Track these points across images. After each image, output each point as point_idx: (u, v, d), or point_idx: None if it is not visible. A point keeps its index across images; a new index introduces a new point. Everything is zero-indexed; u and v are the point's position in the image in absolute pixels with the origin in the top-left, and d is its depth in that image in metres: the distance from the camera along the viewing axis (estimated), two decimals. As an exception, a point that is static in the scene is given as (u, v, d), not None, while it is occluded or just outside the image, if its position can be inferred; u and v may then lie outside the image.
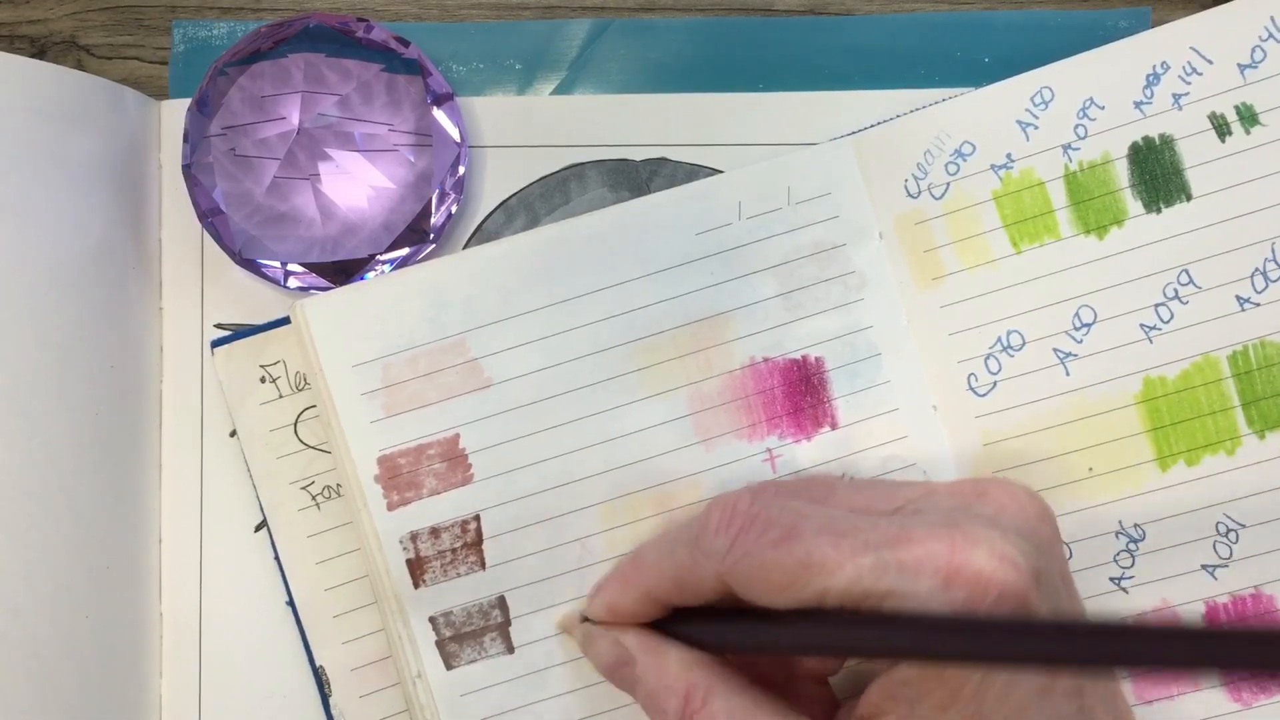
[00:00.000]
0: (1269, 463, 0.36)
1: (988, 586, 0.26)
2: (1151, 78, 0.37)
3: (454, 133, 0.38)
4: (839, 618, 0.27)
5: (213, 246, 0.39)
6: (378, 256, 0.38)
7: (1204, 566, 0.36)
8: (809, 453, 0.37)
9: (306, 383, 0.38)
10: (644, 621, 0.32)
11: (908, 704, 0.27)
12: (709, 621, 0.31)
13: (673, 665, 0.30)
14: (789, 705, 0.29)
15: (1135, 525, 0.36)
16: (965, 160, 0.37)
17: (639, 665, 0.31)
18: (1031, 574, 0.26)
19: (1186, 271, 0.36)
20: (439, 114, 0.38)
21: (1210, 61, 0.36)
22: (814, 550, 0.27)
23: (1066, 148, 0.37)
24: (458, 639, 0.36)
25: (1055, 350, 0.37)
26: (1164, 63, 0.37)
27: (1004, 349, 0.37)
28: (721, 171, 0.38)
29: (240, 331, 0.38)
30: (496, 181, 0.39)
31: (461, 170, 0.38)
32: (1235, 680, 0.36)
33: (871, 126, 0.38)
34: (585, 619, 0.34)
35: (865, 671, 0.31)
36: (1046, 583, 0.27)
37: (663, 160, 0.39)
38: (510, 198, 0.39)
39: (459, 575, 0.36)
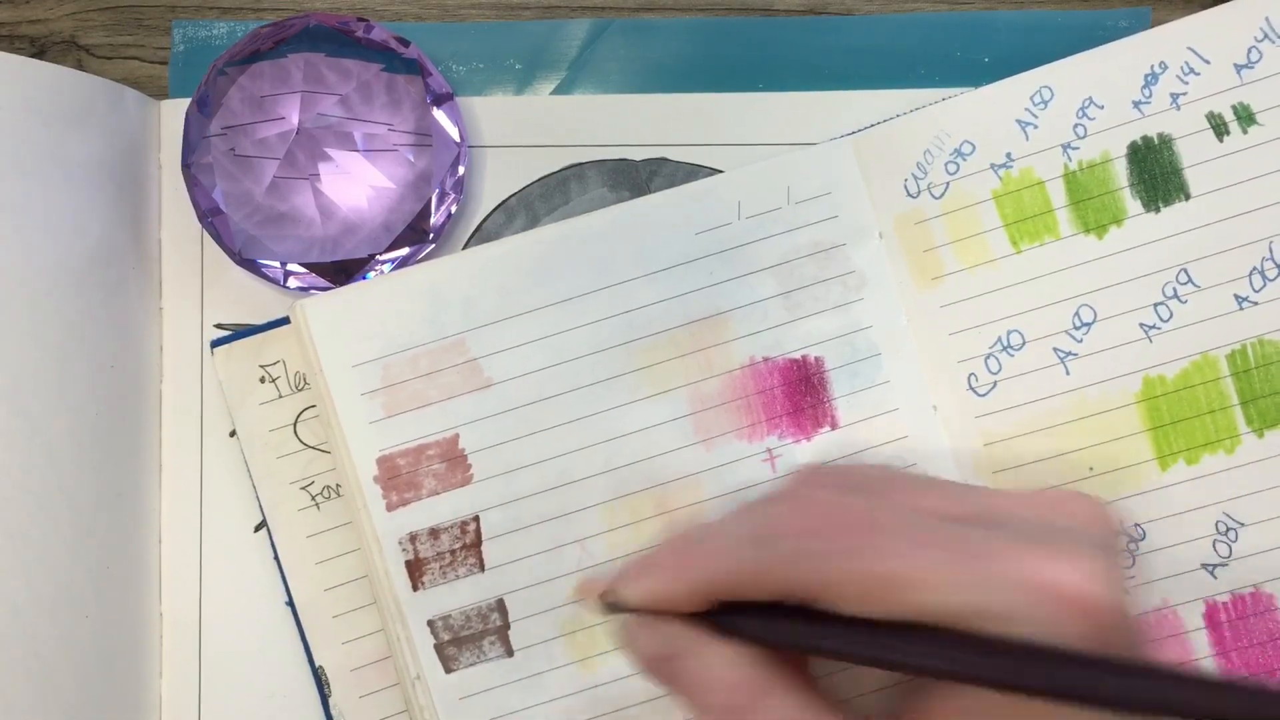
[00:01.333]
0: (1268, 461, 0.36)
1: (1081, 604, 0.25)
2: (1150, 77, 0.37)
3: (454, 133, 0.38)
4: (921, 634, 0.25)
5: (213, 246, 0.39)
6: (378, 256, 0.38)
7: (1204, 565, 0.36)
8: (809, 453, 0.37)
9: (306, 383, 0.38)
10: (689, 611, 0.29)
11: (977, 705, 0.26)
12: (763, 617, 0.28)
13: (722, 660, 0.28)
14: (846, 708, 0.27)
15: (1135, 524, 0.36)
16: (965, 160, 0.37)
17: (685, 659, 0.28)
18: (1120, 589, 0.25)
19: (1185, 270, 0.36)
20: (439, 114, 0.38)
21: (1207, 62, 0.37)
22: (899, 565, 0.25)
23: (1066, 147, 0.37)
24: (456, 642, 0.36)
25: (1055, 350, 0.37)
26: (1162, 62, 0.37)
27: (1004, 349, 0.37)
28: (721, 171, 0.38)
29: (240, 331, 0.38)
30: (496, 181, 0.39)
31: (461, 170, 0.38)
32: None
33: (871, 126, 0.38)
34: (609, 601, 0.30)
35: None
36: (1128, 597, 0.26)
37: (663, 160, 0.39)
38: (510, 198, 0.39)
39: (458, 577, 0.36)
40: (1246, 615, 0.36)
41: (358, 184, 0.38)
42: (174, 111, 0.39)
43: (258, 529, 0.38)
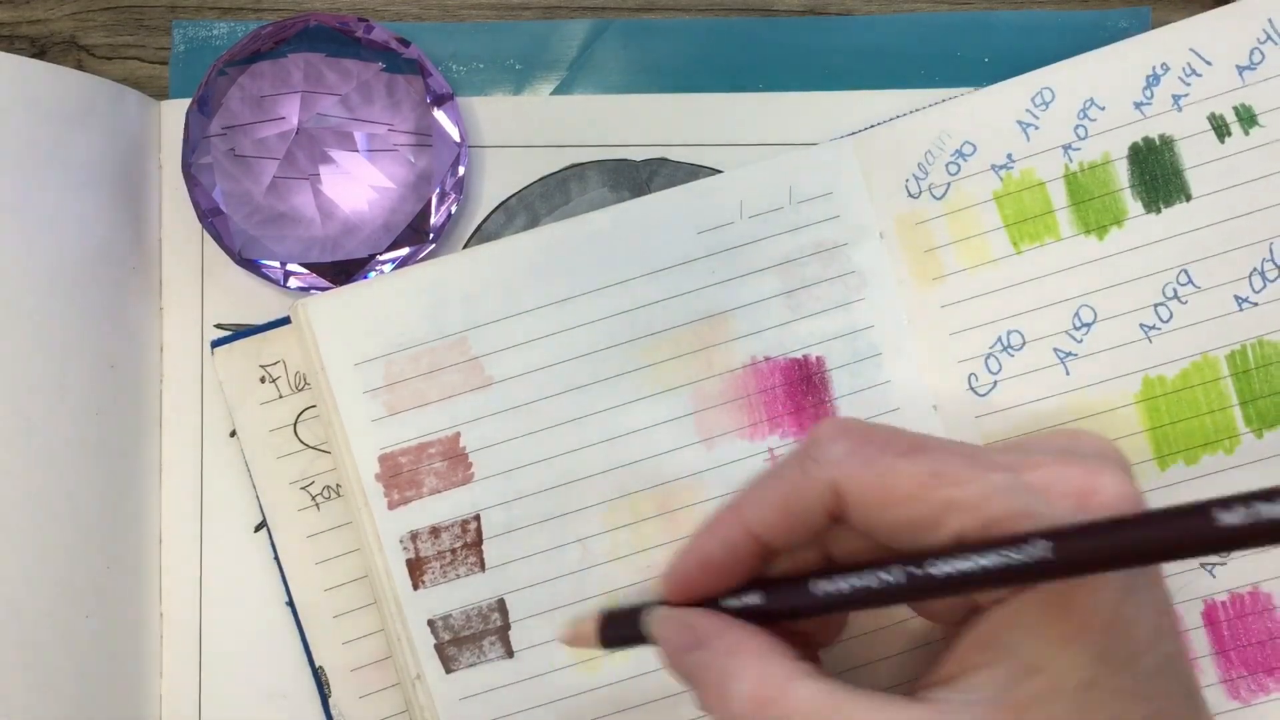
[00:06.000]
0: (1267, 461, 0.36)
1: (1124, 510, 0.26)
2: (1151, 79, 0.37)
3: (454, 133, 0.38)
4: (952, 549, 0.25)
5: (213, 246, 0.39)
6: (378, 257, 0.38)
7: (1203, 565, 0.36)
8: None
9: (306, 383, 0.38)
10: (723, 590, 0.29)
11: (1008, 650, 0.26)
12: (793, 586, 0.28)
13: (747, 647, 0.27)
14: (882, 693, 0.27)
15: (1135, 524, 0.36)
16: (966, 160, 0.37)
17: (708, 649, 0.28)
18: (1143, 503, 0.27)
19: (1186, 271, 0.36)
20: (439, 114, 0.38)
21: (1209, 63, 0.37)
22: (945, 463, 0.26)
23: (1067, 148, 0.37)
24: (456, 643, 0.36)
25: (1055, 350, 0.37)
26: (1164, 64, 0.37)
27: (1004, 349, 0.37)
28: (721, 171, 0.38)
29: (240, 331, 0.38)
30: (496, 181, 0.39)
31: (461, 170, 0.38)
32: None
33: (872, 126, 0.38)
34: (605, 631, 0.31)
35: (933, 632, 0.29)
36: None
37: (663, 160, 0.39)
38: (510, 198, 0.39)
39: (458, 577, 0.36)
40: (1245, 614, 0.36)
41: (358, 184, 0.38)
42: (174, 111, 0.39)
43: (258, 529, 0.38)
